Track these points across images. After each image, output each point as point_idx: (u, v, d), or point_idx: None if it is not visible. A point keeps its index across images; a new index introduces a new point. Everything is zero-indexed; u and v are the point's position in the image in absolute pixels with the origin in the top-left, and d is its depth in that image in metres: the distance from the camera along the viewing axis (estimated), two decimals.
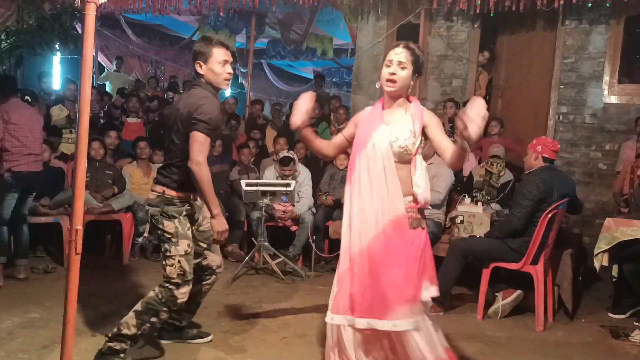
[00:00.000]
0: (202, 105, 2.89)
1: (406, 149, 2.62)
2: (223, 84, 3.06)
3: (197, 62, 3.01)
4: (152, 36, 12.72)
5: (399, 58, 2.62)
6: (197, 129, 2.87)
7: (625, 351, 3.82)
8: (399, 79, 2.62)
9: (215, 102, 2.99)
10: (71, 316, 2.19)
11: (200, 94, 2.97)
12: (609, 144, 6.34)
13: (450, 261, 4.32)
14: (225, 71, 3.04)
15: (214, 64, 3.00)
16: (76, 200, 2.15)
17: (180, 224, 3.02)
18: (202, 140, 2.88)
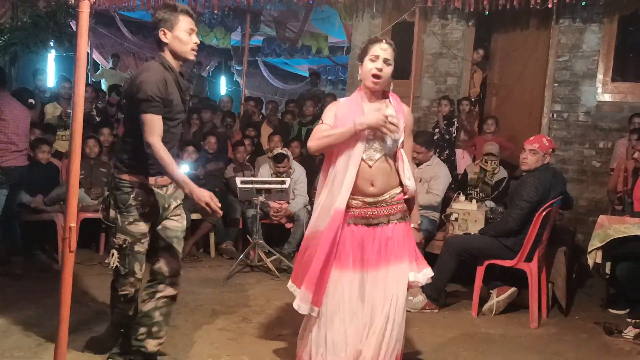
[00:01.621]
0: (141, 83, 2.66)
1: (397, 141, 2.63)
2: (190, 53, 2.81)
3: (161, 29, 2.75)
4: (147, 34, 12.64)
5: (386, 55, 2.59)
6: (141, 110, 2.66)
7: (618, 347, 3.85)
8: (384, 75, 2.60)
9: (158, 73, 2.70)
10: (65, 314, 2.19)
11: (145, 67, 2.78)
12: (602, 142, 6.37)
13: (444, 258, 4.33)
14: (192, 40, 2.80)
15: (180, 32, 2.76)
16: (70, 198, 2.15)
17: (122, 216, 2.80)
18: (149, 120, 2.64)
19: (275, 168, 5.71)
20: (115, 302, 3.07)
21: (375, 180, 2.62)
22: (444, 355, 3.53)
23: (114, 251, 2.87)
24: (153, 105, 2.65)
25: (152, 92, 2.64)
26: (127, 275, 2.90)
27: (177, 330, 3.65)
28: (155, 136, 2.65)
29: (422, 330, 3.94)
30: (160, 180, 2.85)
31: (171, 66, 2.77)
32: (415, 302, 4.34)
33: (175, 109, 2.80)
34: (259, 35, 11.03)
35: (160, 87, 2.67)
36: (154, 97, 2.64)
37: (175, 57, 2.80)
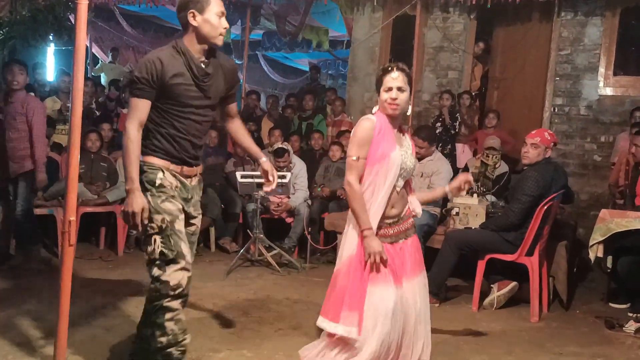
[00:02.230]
0: (138, 63, 2.53)
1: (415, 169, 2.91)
2: (218, 39, 2.62)
3: (190, 11, 2.55)
4: (146, 27, 12.63)
5: (397, 84, 2.66)
6: (129, 92, 2.53)
7: (620, 341, 3.84)
8: (400, 102, 2.67)
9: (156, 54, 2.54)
10: (65, 308, 2.19)
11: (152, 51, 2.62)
12: (603, 136, 6.36)
13: (445, 253, 4.32)
14: (222, 25, 2.61)
15: (211, 15, 2.56)
16: (69, 192, 2.14)
17: (154, 196, 2.56)
18: (131, 104, 2.50)
19: (276, 162, 5.69)
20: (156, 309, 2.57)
21: (396, 203, 2.75)
22: (445, 349, 3.52)
23: (155, 236, 2.55)
24: (137, 87, 2.48)
25: (139, 73, 2.47)
26: (177, 259, 2.55)
27: None
28: (131, 121, 2.47)
29: None
30: (186, 169, 2.67)
31: (185, 50, 2.57)
32: None
33: (184, 93, 2.57)
34: (259, 29, 10.98)
35: (150, 69, 2.47)
36: (140, 79, 2.47)
37: (200, 42, 2.60)
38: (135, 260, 5.24)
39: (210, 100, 2.69)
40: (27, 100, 4.50)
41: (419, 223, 4.72)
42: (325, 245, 5.56)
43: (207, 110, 2.71)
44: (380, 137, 2.66)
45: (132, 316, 3.74)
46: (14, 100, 4.50)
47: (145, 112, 2.50)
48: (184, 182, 2.68)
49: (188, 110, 2.61)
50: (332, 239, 5.33)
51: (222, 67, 2.72)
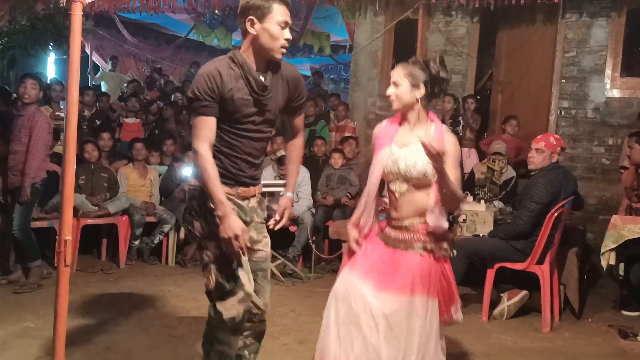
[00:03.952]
0: (195, 78, 2.33)
1: (426, 174, 2.44)
2: (278, 52, 2.35)
3: (248, 18, 2.30)
4: (147, 35, 12.61)
5: (393, 78, 2.53)
6: (191, 110, 2.37)
7: (634, 352, 3.74)
8: (396, 97, 2.50)
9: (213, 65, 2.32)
10: (61, 331, 2.10)
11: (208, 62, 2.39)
12: (611, 139, 6.24)
13: (454, 262, 4.15)
14: (283, 36, 2.34)
15: (272, 24, 2.30)
16: (65, 210, 2.05)
17: (208, 222, 2.36)
18: (196, 123, 2.31)
19: (279, 170, 5.60)
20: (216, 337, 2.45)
21: (399, 208, 2.52)
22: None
23: (212, 266, 2.37)
24: (202, 104, 2.28)
25: (199, 90, 2.27)
26: (235, 289, 2.35)
27: (180, 340, 3.56)
28: (201, 141, 2.28)
29: None
30: (241, 190, 2.46)
31: (243, 62, 2.34)
32: None
33: (241, 109, 2.36)
34: None
35: (210, 83, 2.27)
36: (202, 94, 2.27)
37: (258, 53, 2.36)
38: (137, 272, 5.17)
39: (269, 115, 2.46)
40: (34, 115, 4.47)
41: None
42: (330, 254, 5.47)
43: (266, 126, 2.48)
44: (382, 131, 2.58)
45: (133, 332, 3.65)
46: (24, 113, 4.50)
47: (213, 130, 2.32)
48: (240, 204, 2.46)
49: (245, 127, 2.40)
50: (336, 247, 5.23)
51: (283, 78, 2.48)
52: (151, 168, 5.90)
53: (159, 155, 6.17)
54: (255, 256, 2.51)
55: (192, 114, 2.34)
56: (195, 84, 2.28)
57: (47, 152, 4.63)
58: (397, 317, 2.40)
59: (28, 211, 4.52)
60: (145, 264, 5.47)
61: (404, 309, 2.40)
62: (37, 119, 4.47)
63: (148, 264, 5.46)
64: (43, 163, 4.54)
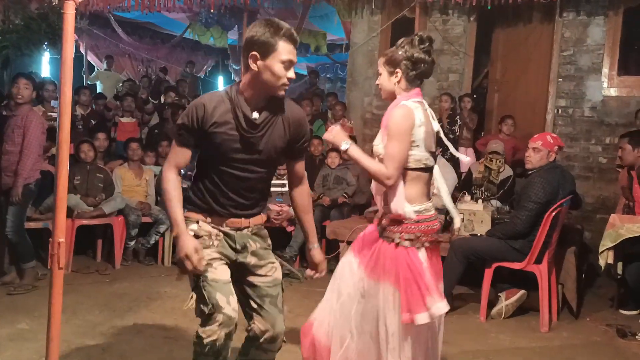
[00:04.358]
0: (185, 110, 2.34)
1: (375, 152, 2.51)
2: (279, 89, 2.25)
3: (252, 53, 2.20)
4: (142, 34, 12.55)
5: (379, 69, 2.62)
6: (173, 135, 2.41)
7: (633, 352, 3.73)
8: (380, 86, 2.61)
9: (203, 99, 2.29)
10: (55, 333, 2.06)
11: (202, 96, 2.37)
12: (609, 138, 6.23)
13: (451, 261, 4.21)
14: (286, 75, 2.22)
15: (276, 63, 2.19)
16: (58, 212, 2.01)
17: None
18: (172, 147, 2.38)
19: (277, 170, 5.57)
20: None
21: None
22: None
23: (192, 293, 2.37)
24: (179, 133, 2.31)
25: (182, 119, 2.29)
26: (215, 313, 2.27)
27: (176, 342, 3.52)
28: (168, 165, 2.33)
29: None
30: (230, 221, 2.38)
31: (234, 96, 2.27)
32: None
33: (225, 144, 2.27)
34: None
35: (192, 115, 2.25)
36: (181, 125, 2.29)
37: (258, 88, 2.26)
38: (133, 273, 5.14)
39: (259, 155, 2.32)
40: (28, 115, 4.43)
41: None
42: (328, 254, 5.43)
43: (255, 167, 2.34)
44: None
45: (128, 334, 3.62)
46: (18, 113, 4.47)
47: (182, 159, 2.34)
48: (228, 232, 2.38)
49: (230, 165, 2.31)
50: (334, 247, 5.20)
51: (283, 118, 2.34)
52: (146, 168, 5.86)
53: (155, 155, 6.13)
54: (257, 281, 2.44)
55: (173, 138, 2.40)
56: (182, 114, 2.31)
57: (41, 152, 4.59)
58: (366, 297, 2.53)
59: (21, 212, 4.48)
60: (141, 265, 5.44)
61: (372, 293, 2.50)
62: (31, 119, 4.43)
63: (144, 265, 5.43)
64: (36, 163, 4.50)
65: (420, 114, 2.44)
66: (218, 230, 2.36)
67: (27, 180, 4.39)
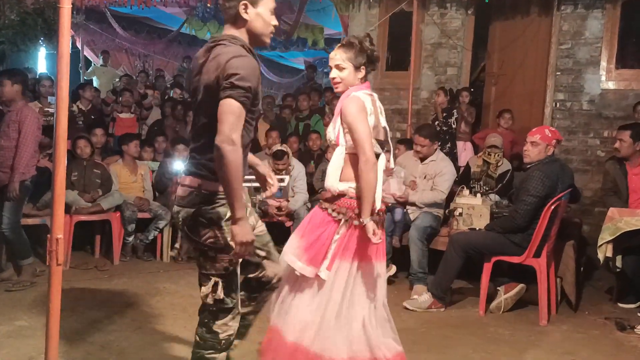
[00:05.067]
0: (238, 67, 2.10)
1: (330, 140, 2.73)
2: (267, 37, 2.31)
3: (242, 2, 2.20)
4: (139, 29, 12.50)
5: (335, 61, 2.69)
6: (232, 96, 2.09)
7: (632, 345, 3.73)
8: (340, 80, 2.69)
9: (255, 64, 2.18)
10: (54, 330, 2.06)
11: (233, 50, 2.16)
12: (607, 131, 6.23)
13: (450, 255, 4.21)
14: (273, 22, 2.31)
15: (265, 9, 2.24)
16: (56, 208, 2.01)
17: (223, 232, 2.22)
18: (237, 111, 2.09)
19: (275, 165, 5.55)
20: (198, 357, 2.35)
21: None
22: (454, 357, 3.41)
23: (218, 280, 2.23)
24: (246, 95, 2.11)
25: (249, 82, 2.11)
26: (235, 308, 2.28)
27: (176, 338, 3.52)
28: (237, 133, 2.09)
29: (429, 331, 3.82)
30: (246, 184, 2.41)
31: (251, 48, 2.25)
32: (421, 302, 4.21)
33: (260, 96, 2.29)
34: None
35: (257, 78, 2.17)
36: (251, 88, 2.13)
37: (250, 38, 2.27)
38: (132, 269, 5.12)
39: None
40: (23, 110, 4.41)
41: (422, 225, 4.62)
42: None
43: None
44: None
45: (128, 331, 3.61)
46: (12, 108, 4.45)
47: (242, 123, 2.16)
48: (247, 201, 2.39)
49: (255, 117, 2.32)
50: None
51: None
52: (141, 164, 5.84)
53: (152, 151, 6.11)
54: (257, 231, 2.47)
55: (231, 99, 2.09)
56: (247, 74, 2.11)
57: (36, 147, 4.56)
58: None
59: (17, 209, 4.46)
60: (140, 261, 5.42)
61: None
62: (26, 113, 4.40)
63: (142, 261, 5.42)
64: (32, 159, 4.48)
65: (369, 104, 2.65)
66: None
67: (23, 177, 4.37)
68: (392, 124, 7.21)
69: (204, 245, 2.23)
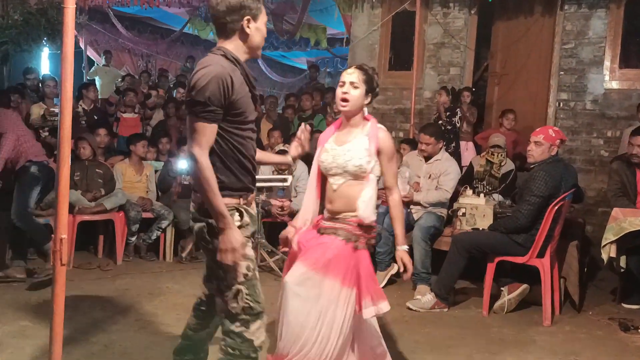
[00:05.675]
0: (198, 80, 2.11)
1: (360, 167, 2.66)
2: (260, 50, 2.40)
3: (246, 17, 2.23)
4: (142, 29, 12.53)
5: (351, 79, 2.70)
6: (192, 113, 2.14)
7: (636, 345, 3.72)
8: (351, 98, 2.68)
9: (223, 70, 2.15)
10: (58, 330, 2.06)
11: (204, 61, 2.19)
12: (610, 131, 6.22)
13: (453, 256, 4.20)
14: (265, 36, 2.39)
15: (262, 24, 2.30)
16: (60, 208, 2.01)
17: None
18: (197, 128, 2.13)
19: (278, 165, 5.56)
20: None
21: (334, 201, 2.71)
22: (457, 358, 3.41)
23: (240, 287, 2.24)
24: (208, 110, 2.12)
25: (211, 94, 2.11)
26: (263, 312, 2.30)
27: (179, 338, 3.51)
28: (202, 148, 2.13)
29: (433, 331, 3.81)
30: (250, 197, 2.37)
31: (237, 59, 2.26)
32: (424, 302, 4.21)
33: (247, 108, 2.27)
34: None
35: (223, 89, 2.13)
36: (212, 100, 2.11)
37: (246, 51, 2.32)
38: (135, 269, 5.13)
39: (255, 113, 2.39)
40: None
41: (426, 225, 4.61)
42: None
43: (254, 125, 2.40)
44: (322, 135, 2.83)
45: (131, 331, 3.62)
46: None
47: (213, 137, 2.18)
48: (252, 213, 2.37)
49: (248, 127, 2.30)
50: None
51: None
52: (147, 164, 5.85)
53: (155, 151, 6.12)
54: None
55: (193, 117, 2.14)
56: (206, 88, 2.10)
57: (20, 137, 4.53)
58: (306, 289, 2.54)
59: (23, 198, 4.45)
60: (143, 260, 5.43)
61: (315, 286, 2.54)
62: None
63: (145, 260, 5.42)
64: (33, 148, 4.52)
65: None
66: (249, 216, 2.32)
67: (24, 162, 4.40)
68: (395, 123, 7.20)
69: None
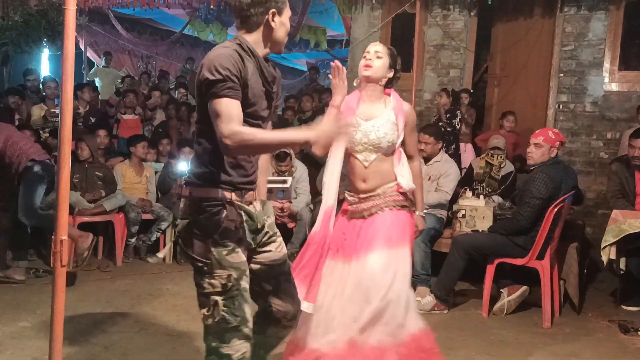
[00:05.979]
0: (210, 61, 1.99)
1: (393, 143, 2.75)
2: (283, 45, 2.29)
3: (272, 10, 2.15)
4: (142, 31, 12.54)
5: (376, 48, 2.80)
6: (212, 94, 1.98)
7: (636, 347, 3.71)
8: (375, 64, 2.76)
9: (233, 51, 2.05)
10: (58, 332, 2.05)
11: (218, 46, 2.11)
12: (610, 133, 6.23)
13: (453, 257, 4.20)
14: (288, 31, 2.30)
15: (287, 19, 2.23)
16: (60, 209, 2.00)
17: (217, 245, 2.08)
18: (219, 107, 1.96)
19: (277, 167, 5.56)
20: None
21: (368, 178, 2.77)
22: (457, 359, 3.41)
23: (216, 298, 2.08)
24: (228, 86, 1.97)
25: (224, 68, 1.97)
26: (241, 326, 2.10)
27: (179, 339, 3.52)
28: (234, 122, 1.95)
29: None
30: (248, 195, 2.19)
31: (253, 50, 2.13)
32: (424, 303, 4.21)
33: (258, 101, 2.13)
34: None
35: (235, 63, 2.00)
36: (227, 74, 1.97)
37: (267, 45, 2.20)
38: (134, 270, 5.13)
39: (269, 112, 2.24)
40: None
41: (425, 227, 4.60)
42: None
43: (263, 124, 2.22)
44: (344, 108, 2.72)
45: (131, 332, 3.61)
46: None
47: (241, 115, 2.00)
48: (250, 211, 2.18)
49: (257, 123, 2.13)
50: None
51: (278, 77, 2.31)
52: (147, 165, 5.85)
53: (155, 152, 6.12)
54: (269, 260, 2.29)
55: (214, 98, 1.98)
56: (216, 65, 1.98)
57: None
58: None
59: (28, 196, 4.46)
60: (143, 262, 5.43)
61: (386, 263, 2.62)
62: None
63: (145, 262, 5.42)
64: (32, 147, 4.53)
65: None
66: (243, 213, 2.15)
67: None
68: None
69: (198, 260, 2.10)
